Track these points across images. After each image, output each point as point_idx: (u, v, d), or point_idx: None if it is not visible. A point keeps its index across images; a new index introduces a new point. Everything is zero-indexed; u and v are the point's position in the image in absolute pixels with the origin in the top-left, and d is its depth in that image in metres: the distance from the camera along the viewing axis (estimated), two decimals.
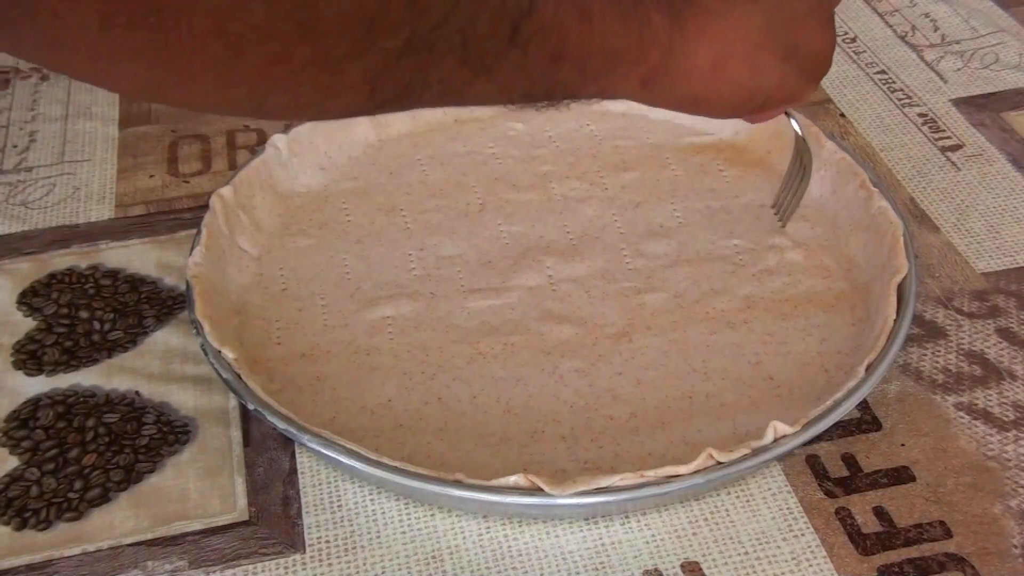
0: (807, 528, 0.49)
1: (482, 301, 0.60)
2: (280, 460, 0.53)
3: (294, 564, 0.49)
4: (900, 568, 0.47)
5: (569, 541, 0.49)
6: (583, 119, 0.73)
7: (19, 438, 0.54)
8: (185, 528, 0.50)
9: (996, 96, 0.76)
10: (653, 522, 0.50)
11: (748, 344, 0.57)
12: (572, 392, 0.55)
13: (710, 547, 0.49)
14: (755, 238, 0.64)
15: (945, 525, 0.49)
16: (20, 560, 0.49)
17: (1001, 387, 0.55)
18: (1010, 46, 0.81)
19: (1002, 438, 0.53)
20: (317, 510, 0.51)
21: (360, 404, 0.55)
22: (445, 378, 0.56)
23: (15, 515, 0.50)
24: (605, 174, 0.69)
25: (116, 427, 0.54)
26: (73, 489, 0.51)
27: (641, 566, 0.48)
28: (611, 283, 0.61)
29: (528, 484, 0.47)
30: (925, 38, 0.83)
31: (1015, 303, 0.60)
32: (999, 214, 0.66)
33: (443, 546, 0.49)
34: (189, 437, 0.54)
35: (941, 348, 0.58)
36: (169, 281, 0.63)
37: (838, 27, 0.83)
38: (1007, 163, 0.70)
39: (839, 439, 0.53)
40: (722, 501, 0.50)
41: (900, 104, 0.76)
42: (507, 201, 0.67)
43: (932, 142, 0.72)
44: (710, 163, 0.70)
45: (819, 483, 0.51)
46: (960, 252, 0.63)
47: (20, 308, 0.61)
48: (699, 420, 0.54)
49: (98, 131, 0.76)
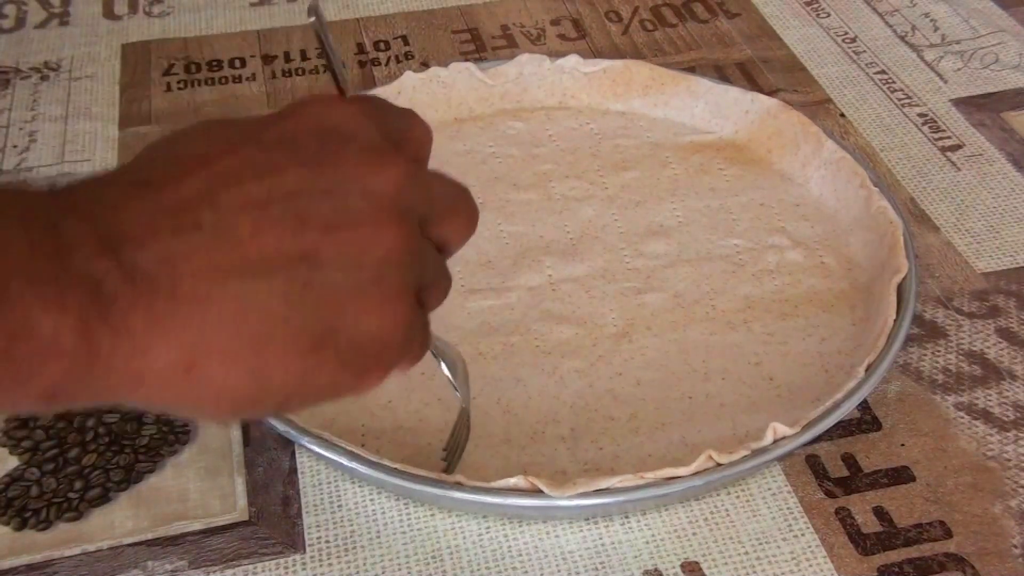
0: (807, 528, 0.49)
1: (482, 301, 0.60)
2: (280, 460, 0.53)
3: (294, 564, 0.49)
4: (900, 568, 0.47)
5: (569, 541, 0.49)
6: (583, 118, 0.73)
7: (19, 438, 0.54)
8: (185, 528, 0.50)
9: (996, 96, 0.76)
10: (653, 522, 0.50)
11: (748, 344, 0.57)
12: (572, 393, 0.55)
13: (710, 547, 0.49)
14: (755, 238, 0.64)
15: (945, 525, 0.49)
16: (20, 560, 0.49)
17: (1001, 387, 0.55)
18: (1010, 46, 0.81)
19: (1002, 438, 0.53)
20: (317, 510, 0.51)
21: (360, 405, 0.55)
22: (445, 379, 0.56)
23: (15, 515, 0.50)
24: (605, 173, 0.69)
25: (116, 427, 0.54)
26: (73, 489, 0.51)
27: (641, 566, 0.48)
28: (611, 283, 0.61)
29: (528, 486, 0.47)
30: (925, 38, 0.83)
31: (1015, 303, 0.60)
32: (999, 214, 0.66)
33: (443, 546, 0.49)
34: (189, 437, 0.54)
35: (941, 348, 0.58)
36: None
37: (838, 27, 0.83)
38: (1007, 163, 0.70)
39: (839, 439, 0.53)
40: (722, 501, 0.50)
41: (900, 104, 0.76)
42: (507, 201, 0.67)
43: (932, 142, 0.72)
44: (710, 162, 0.70)
45: (819, 483, 0.51)
46: (960, 252, 0.63)
47: None
48: (699, 421, 0.54)
49: (98, 131, 0.76)
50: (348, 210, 0.34)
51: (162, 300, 0.32)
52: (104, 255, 0.31)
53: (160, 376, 0.32)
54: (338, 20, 0.86)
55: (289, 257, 0.33)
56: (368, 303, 0.35)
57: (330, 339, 0.34)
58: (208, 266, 0.32)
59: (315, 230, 0.34)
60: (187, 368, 0.32)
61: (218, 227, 0.33)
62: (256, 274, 0.33)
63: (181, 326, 0.32)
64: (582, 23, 0.86)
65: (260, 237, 0.33)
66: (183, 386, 0.33)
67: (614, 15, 0.87)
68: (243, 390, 0.34)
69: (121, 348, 0.31)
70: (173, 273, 0.32)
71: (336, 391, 0.36)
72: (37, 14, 0.88)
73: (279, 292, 0.33)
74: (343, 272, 0.34)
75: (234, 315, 0.33)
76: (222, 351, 0.33)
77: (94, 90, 0.79)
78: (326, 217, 0.34)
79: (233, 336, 0.33)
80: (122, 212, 0.32)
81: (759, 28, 0.84)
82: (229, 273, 0.33)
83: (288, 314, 0.33)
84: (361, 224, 0.34)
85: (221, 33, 0.85)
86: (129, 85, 0.80)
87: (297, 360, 0.34)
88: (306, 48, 0.83)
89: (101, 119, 0.77)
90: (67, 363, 0.31)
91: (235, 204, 0.33)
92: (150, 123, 0.76)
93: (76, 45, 0.84)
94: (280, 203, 0.34)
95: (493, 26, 0.85)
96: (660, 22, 0.86)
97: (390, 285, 0.35)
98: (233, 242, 0.33)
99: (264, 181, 0.34)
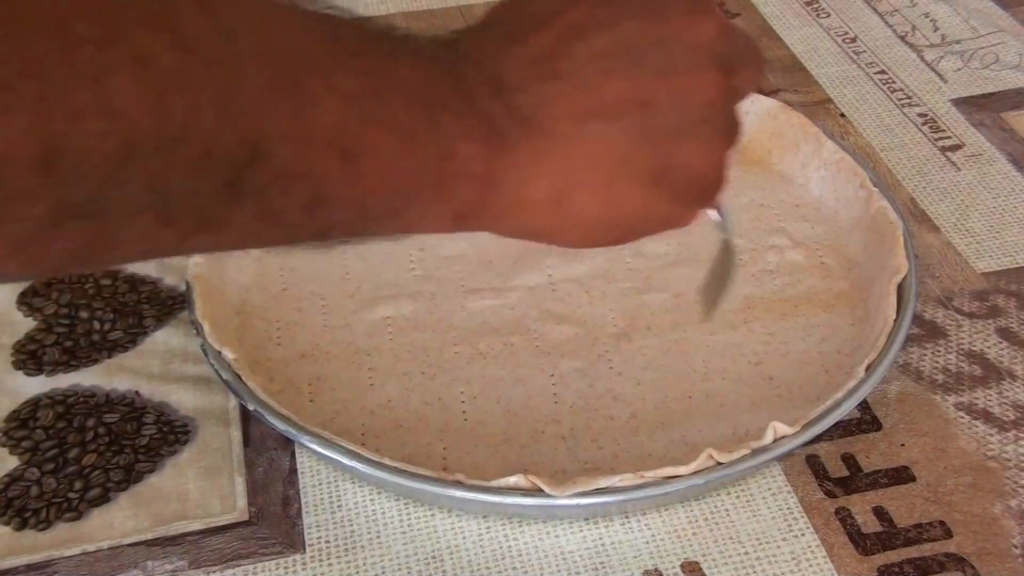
0: (807, 528, 0.49)
1: (482, 301, 0.60)
2: (280, 460, 0.53)
3: (294, 564, 0.49)
4: (900, 568, 0.47)
5: (569, 541, 0.49)
6: None
7: (19, 438, 0.54)
8: (185, 528, 0.50)
9: (996, 96, 0.76)
10: (653, 522, 0.50)
11: (748, 344, 0.57)
12: (572, 392, 0.55)
13: (710, 547, 0.49)
14: (755, 238, 0.64)
15: (945, 525, 0.49)
16: (20, 560, 0.49)
17: (1001, 387, 0.55)
18: (1010, 46, 0.81)
19: (1002, 438, 0.53)
20: (317, 510, 0.51)
21: (360, 404, 0.55)
22: (445, 378, 0.56)
23: (15, 515, 0.50)
24: None
25: (116, 427, 0.54)
26: (73, 489, 0.51)
27: (641, 566, 0.48)
28: (611, 283, 0.61)
29: (528, 485, 0.47)
30: (925, 38, 0.83)
31: (1015, 303, 0.60)
32: (999, 214, 0.66)
33: (443, 546, 0.49)
34: (189, 437, 0.54)
35: (941, 348, 0.58)
36: (169, 281, 0.63)
37: (838, 27, 0.83)
38: (1007, 163, 0.70)
39: (839, 439, 0.53)
40: (722, 501, 0.50)
41: (900, 104, 0.76)
42: None
43: (932, 142, 0.72)
44: None
45: (819, 483, 0.51)
46: (960, 252, 0.63)
47: (20, 308, 0.61)
48: (699, 420, 0.54)
49: None
50: (676, 59, 0.38)
51: (542, 138, 0.37)
52: (496, 97, 0.36)
53: (538, 204, 0.38)
54: None
55: (632, 101, 0.37)
56: (696, 142, 0.39)
57: (666, 174, 0.39)
58: (571, 110, 0.37)
59: (649, 77, 0.38)
60: (557, 199, 0.38)
61: (574, 75, 0.37)
62: (608, 116, 0.37)
63: (556, 161, 0.37)
64: None
65: (607, 84, 0.37)
66: (554, 214, 0.38)
67: None
68: (600, 219, 0.39)
69: (512, 177, 0.37)
70: (547, 115, 0.37)
71: (669, 222, 0.41)
72: None
73: (626, 132, 0.38)
74: (675, 114, 0.38)
75: (595, 153, 0.37)
76: (585, 184, 0.38)
77: None
78: (659, 65, 0.38)
79: (594, 171, 0.38)
80: (501, 61, 0.37)
81: (759, 28, 0.84)
82: (588, 116, 0.37)
83: (634, 151, 0.38)
84: (688, 71, 0.38)
85: None
86: None
87: (641, 192, 0.39)
88: None
89: None
90: (478, 186, 0.37)
91: (584, 54, 0.37)
92: None
93: None
94: (621, 54, 0.37)
95: None
96: None
97: (712, 126, 0.39)
98: (587, 88, 0.37)
99: (605, 33, 0.38)
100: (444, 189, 0.36)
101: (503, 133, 0.36)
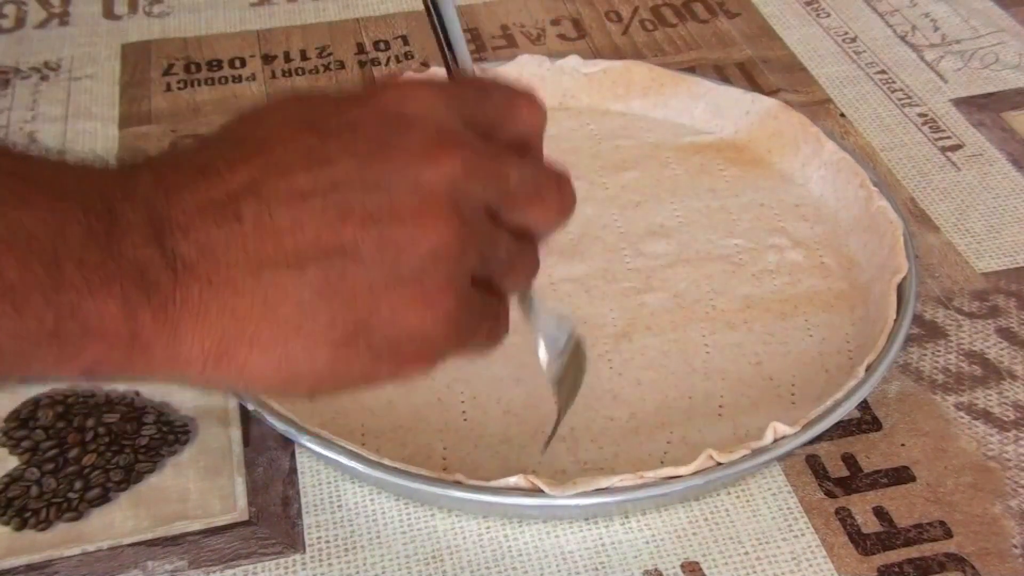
0: (807, 528, 0.49)
1: None
2: (280, 460, 0.53)
3: (294, 564, 0.48)
4: (900, 568, 0.47)
5: (569, 541, 0.49)
6: (583, 118, 0.73)
7: (19, 438, 0.54)
8: (185, 528, 0.50)
9: (996, 96, 0.76)
10: (653, 522, 0.50)
11: (748, 344, 0.57)
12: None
13: (710, 547, 0.49)
14: (755, 238, 0.64)
15: (945, 525, 0.49)
16: (20, 560, 0.49)
17: (1001, 387, 0.55)
18: (1010, 46, 0.81)
19: (1002, 438, 0.53)
20: (317, 510, 0.51)
21: (360, 404, 0.55)
22: (445, 378, 0.56)
23: (15, 515, 0.50)
24: (605, 174, 0.69)
25: (116, 427, 0.54)
26: (73, 489, 0.51)
27: (641, 566, 0.48)
28: (611, 283, 0.61)
29: (528, 485, 0.47)
30: (925, 38, 0.83)
31: (1015, 303, 0.60)
32: (999, 214, 0.66)
33: (443, 546, 0.49)
34: (189, 437, 0.54)
35: (941, 348, 0.58)
36: None
37: (838, 27, 0.84)
38: (1007, 163, 0.70)
39: (839, 439, 0.53)
40: (722, 501, 0.50)
41: (900, 104, 0.76)
42: None
43: (932, 142, 0.72)
44: (710, 162, 0.70)
45: (819, 483, 0.51)
46: (960, 252, 0.63)
47: None
48: (699, 420, 0.54)
49: (98, 131, 0.76)
50: (393, 204, 0.34)
51: (199, 289, 0.33)
52: (151, 243, 0.32)
53: (194, 361, 0.34)
54: (338, 20, 0.86)
55: (325, 250, 0.34)
56: (406, 298, 0.35)
57: (362, 332, 0.35)
58: (244, 257, 0.33)
59: (354, 224, 0.34)
60: (218, 356, 0.34)
61: (259, 218, 0.34)
62: (289, 265, 0.34)
63: (215, 314, 0.33)
64: (582, 23, 0.86)
65: (297, 229, 0.34)
66: (215, 371, 0.34)
67: (614, 15, 0.87)
68: (272, 377, 0.35)
69: (160, 333, 0.33)
70: (211, 263, 0.33)
71: (372, 379, 0.37)
72: (37, 14, 0.88)
73: (311, 284, 0.34)
74: (380, 267, 0.34)
75: (264, 305, 0.34)
76: (251, 340, 0.34)
77: (94, 90, 0.79)
78: (368, 211, 0.34)
79: (262, 325, 0.34)
80: (175, 200, 0.33)
81: (759, 28, 0.84)
82: (263, 264, 0.33)
83: (318, 306, 0.34)
84: (404, 218, 0.34)
85: (221, 33, 0.85)
86: (129, 85, 0.80)
87: (326, 351, 0.35)
88: (306, 48, 0.83)
89: (101, 119, 0.77)
90: (109, 344, 0.32)
91: (279, 195, 0.34)
92: (150, 123, 0.76)
93: (76, 45, 0.84)
94: (323, 195, 0.34)
95: (493, 26, 0.86)
96: (660, 22, 0.86)
97: (433, 279, 0.35)
98: (270, 233, 0.34)
99: (312, 172, 0.34)
100: (65, 348, 0.32)
101: (153, 285, 0.32)
